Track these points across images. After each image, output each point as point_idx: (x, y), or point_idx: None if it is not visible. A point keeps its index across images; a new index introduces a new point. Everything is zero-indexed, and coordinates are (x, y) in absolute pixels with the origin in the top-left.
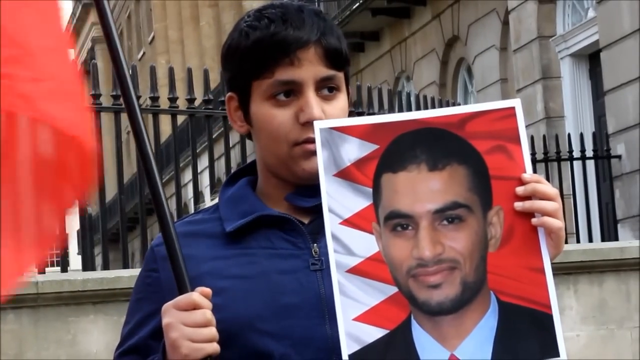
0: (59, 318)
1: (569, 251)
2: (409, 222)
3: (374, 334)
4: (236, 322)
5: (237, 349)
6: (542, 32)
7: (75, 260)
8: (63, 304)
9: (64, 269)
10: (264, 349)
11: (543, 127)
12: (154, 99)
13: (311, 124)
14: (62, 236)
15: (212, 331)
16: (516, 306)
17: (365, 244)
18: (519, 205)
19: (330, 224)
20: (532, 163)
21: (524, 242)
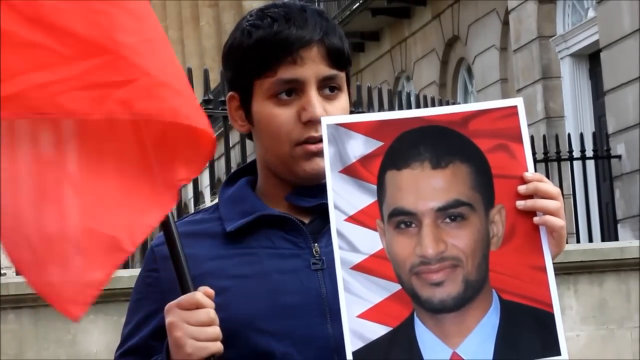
0: (59, 318)
1: (569, 251)
2: (412, 220)
3: (378, 331)
4: (237, 321)
5: (238, 348)
6: (542, 32)
7: None
8: None
9: None
10: (265, 348)
11: (543, 127)
12: None
13: (313, 122)
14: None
15: (216, 330)
16: (518, 304)
17: (370, 241)
18: (521, 203)
19: (336, 220)
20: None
21: (525, 241)
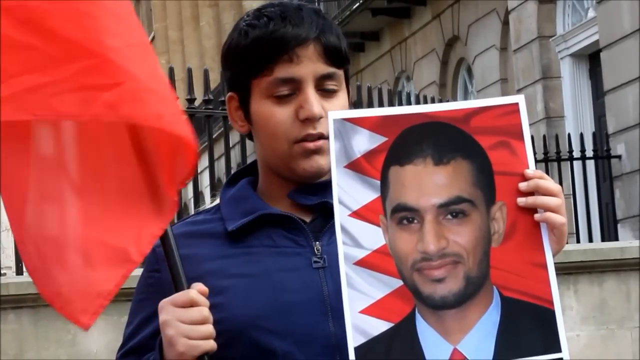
0: (59, 318)
1: (569, 251)
2: (414, 216)
3: (380, 327)
4: (239, 320)
5: (240, 347)
6: (542, 32)
7: None
8: None
9: None
10: (267, 346)
11: (543, 127)
12: None
13: (310, 120)
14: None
15: (209, 328)
16: (519, 301)
17: (373, 237)
18: (522, 200)
19: (340, 215)
20: None
21: (526, 238)
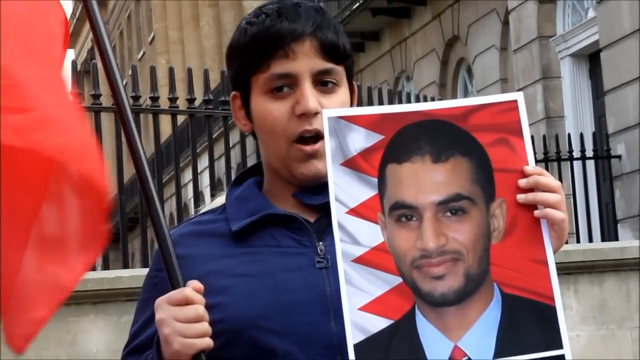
0: (59, 318)
1: (569, 251)
2: (413, 213)
3: (379, 324)
4: (240, 320)
5: (241, 347)
6: (542, 32)
7: None
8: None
9: None
10: (267, 346)
11: (543, 127)
12: (154, 99)
13: (307, 115)
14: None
15: (204, 326)
16: (519, 298)
17: (371, 234)
18: (522, 197)
19: (337, 213)
20: None
21: (526, 234)
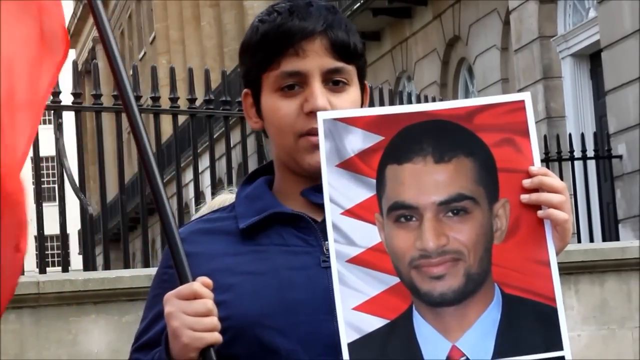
0: (60, 318)
1: (570, 251)
2: (413, 214)
3: (374, 323)
4: (244, 318)
5: (245, 345)
6: (543, 32)
7: (76, 260)
8: (64, 304)
9: (65, 269)
10: (271, 345)
11: (544, 127)
12: (155, 99)
13: (315, 114)
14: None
15: (213, 320)
16: (520, 298)
17: (367, 235)
18: (525, 197)
19: (332, 214)
20: None
21: (529, 235)
